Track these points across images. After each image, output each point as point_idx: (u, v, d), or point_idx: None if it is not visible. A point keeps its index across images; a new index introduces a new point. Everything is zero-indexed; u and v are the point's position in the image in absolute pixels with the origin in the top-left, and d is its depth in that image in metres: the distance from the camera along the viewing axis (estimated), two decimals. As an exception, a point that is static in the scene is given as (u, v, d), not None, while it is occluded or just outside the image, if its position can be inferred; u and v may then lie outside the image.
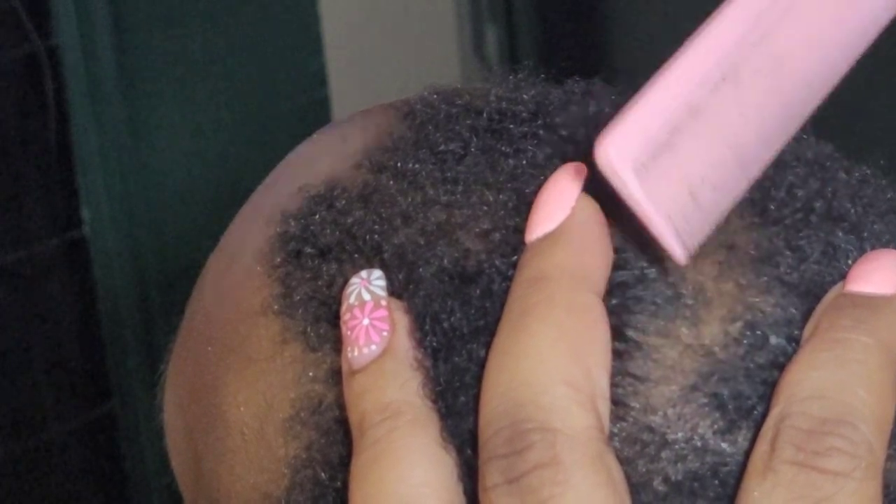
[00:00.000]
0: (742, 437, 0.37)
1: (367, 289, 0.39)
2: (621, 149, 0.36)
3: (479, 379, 0.37)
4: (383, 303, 0.38)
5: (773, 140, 0.39)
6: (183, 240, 1.50)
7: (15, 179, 1.54)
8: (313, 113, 1.61)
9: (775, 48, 0.38)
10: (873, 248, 0.40)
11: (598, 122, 0.42)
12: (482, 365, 0.37)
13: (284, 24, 1.63)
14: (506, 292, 0.38)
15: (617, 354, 0.37)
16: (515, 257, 0.38)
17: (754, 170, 0.38)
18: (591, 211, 0.38)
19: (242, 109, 1.62)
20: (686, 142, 0.36)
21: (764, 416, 0.37)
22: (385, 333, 0.38)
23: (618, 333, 0.37)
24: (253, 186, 0.46)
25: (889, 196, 0.42)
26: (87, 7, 1.51)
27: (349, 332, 0.38)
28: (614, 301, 0.38)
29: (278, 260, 0.41)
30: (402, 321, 0.38)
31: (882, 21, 0.40)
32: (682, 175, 0.36)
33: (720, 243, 0.39)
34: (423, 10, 1.79)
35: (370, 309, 0.38)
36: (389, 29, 1.77)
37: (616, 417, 0.37)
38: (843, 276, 0.39)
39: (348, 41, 1.70)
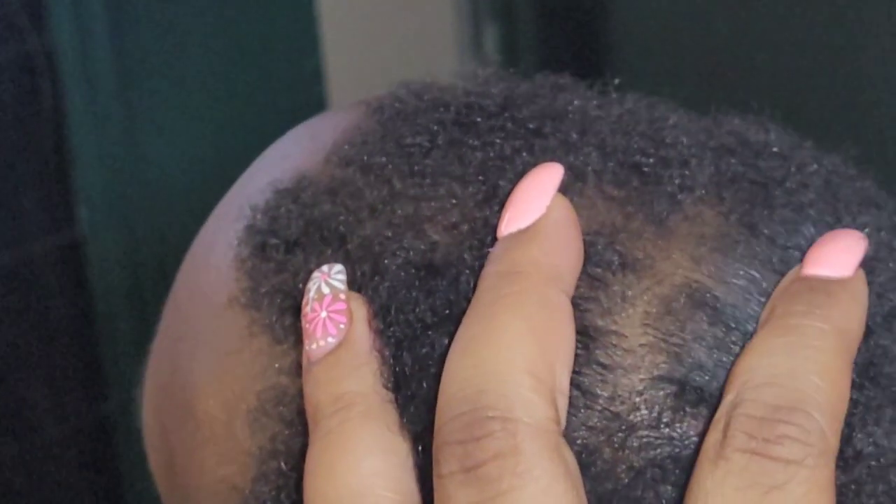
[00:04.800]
0: (704, 425, 0.37)
1: (326, 282, 0.39)
2: None
3: (441, 368, 0.36)
4: (342, 296, 0.39)
5: None
6: (180, 239, 1.50)
7: (11, 179, 1.54)
8: (311, 112, 1.60)
9: None
10: None
11: (566, 116, 0.42)
12: (445, 354, 0.37)
13: (282, 23, 1.63)
14: (472, 285, 0.38)
15: (584, 344, 0.37)
16: (484, 250, 0.38)
17: None
18: (567, 210, 0.38)
19: (240, 109, 1.62)
20: None
21: None
22: (342, 326, 0.38)
23: (586, 322, 0.37)
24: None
25: (859, 185, 0.42)
26: (83, 7, 1.51)
27: (308, 326, 0.39)
28: (583, 290, 0.38)
29: (245, 253, 0.42)
30: (361, 313, 0.38)
31: None
32: None
33: (690, 233, 0.39)
34: (421, 8, 1.79)
35: (328, 302, 0.38)
36: (387, 27, 1.77)
37: (583, 406, 0.37)
38: None
39: (346, 39, 1.70)
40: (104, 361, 1.59)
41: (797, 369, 0.35)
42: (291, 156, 0.44)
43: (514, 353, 0.35)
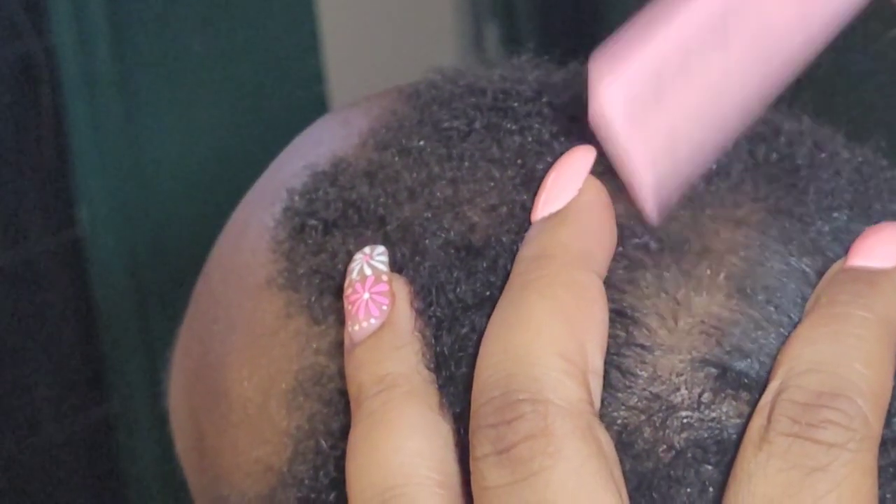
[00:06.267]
0: (746, 407, 0.37)
1: (368, 264, 0.39)
2: (616, 98, 0.36)
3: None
4: (384, 277, 0.39)
5: (752, 105, 0.39)
6: (180, 238, 1.50)
7: (11, 179, 1.54)
8: (311, 111, 1.60)
9: (763, 16, 0.38)
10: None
11: None
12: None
13: (282, 23, 1.63)
14: (510, 267, 0.38)
15: (624, 325, 0.37)
16: (522, 233, 0.39)
17: (730, 132, 0.38)
18: (598, 193, 0.39)
19: (240, 108, 1.62)
20: (673, 96, 0.37)
21: (765, 387, 0.37)
22: (384, 307, 0.38)
23: (625, 304, 0.38)
24: (250, 185, 0.47)
25: (889, 175, 0.43)
26: (83, 6, 1.51)
27: (350, 307, 0.39)
28: (621, 272, 0.38)
29: (283, 235, 0.42)
30: (403, 295, 0.39)
31: None
32: (667, 130, 0.37)
33: (726, 217, 0.39)
34: (421, 8, 1.79)
35: (371, 283, 0.39)
36: (388, 26, 1.77)
37: (623, 386, 0.37)
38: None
39: (346, 39, 1.70)
40: (105, 361, 1.59)
41: (841, 357, 0.36)
42: (326, 141, 0.44)
43: (543, 336, 0.36)
